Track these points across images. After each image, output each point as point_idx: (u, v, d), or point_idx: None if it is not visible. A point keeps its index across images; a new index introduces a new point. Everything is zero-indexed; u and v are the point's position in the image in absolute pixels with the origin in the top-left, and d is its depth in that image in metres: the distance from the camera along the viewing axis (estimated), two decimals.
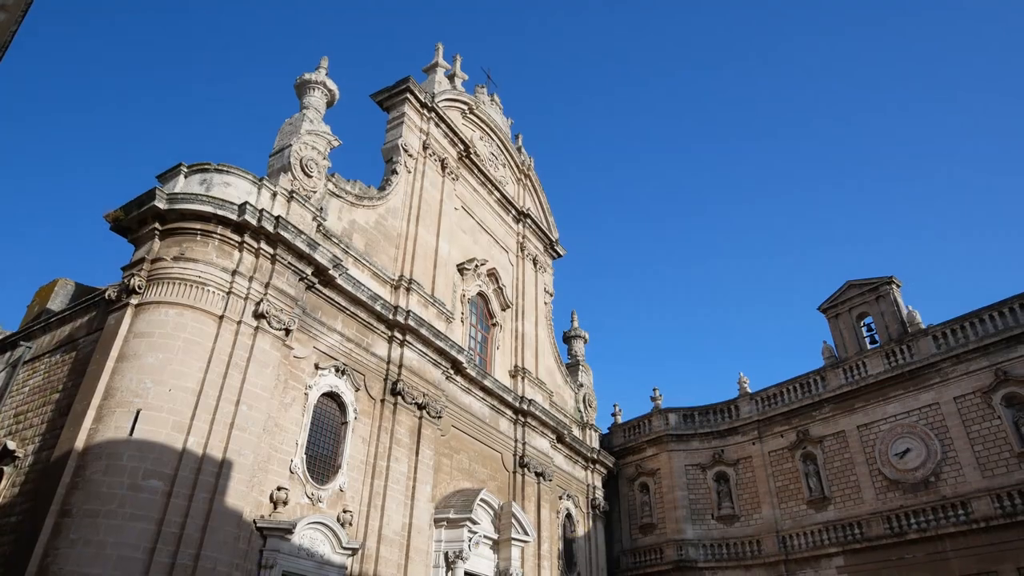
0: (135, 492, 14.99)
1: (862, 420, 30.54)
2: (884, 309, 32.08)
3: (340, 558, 19.16)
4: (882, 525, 28.10)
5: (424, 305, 25.51)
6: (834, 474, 30.71)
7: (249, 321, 18.31)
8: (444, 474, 25.12)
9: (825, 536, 29.76)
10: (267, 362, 18.41)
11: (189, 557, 15.13)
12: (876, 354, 31.09)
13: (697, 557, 32.41)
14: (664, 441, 35.70)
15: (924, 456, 28.03)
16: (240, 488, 16.68)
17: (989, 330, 27.88)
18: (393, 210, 26.62)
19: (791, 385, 33.81)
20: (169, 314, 17.36)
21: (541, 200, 38.92)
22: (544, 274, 37.63)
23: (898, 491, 28.37)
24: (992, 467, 26.13)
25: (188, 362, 16.91)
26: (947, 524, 26.28)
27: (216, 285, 18.12)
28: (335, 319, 21.81)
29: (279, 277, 19.43)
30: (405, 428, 22.88)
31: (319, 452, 20.26)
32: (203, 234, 18.53)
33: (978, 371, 27.54)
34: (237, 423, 17.02)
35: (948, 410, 28.00)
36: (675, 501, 34.09)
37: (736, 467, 33.99)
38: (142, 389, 16.17)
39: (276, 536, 17.51)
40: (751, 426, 34.13)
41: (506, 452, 29.17)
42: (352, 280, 22.09)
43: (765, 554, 31.12)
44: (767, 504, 32.21)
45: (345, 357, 21.77)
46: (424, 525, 22.58)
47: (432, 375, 24.82)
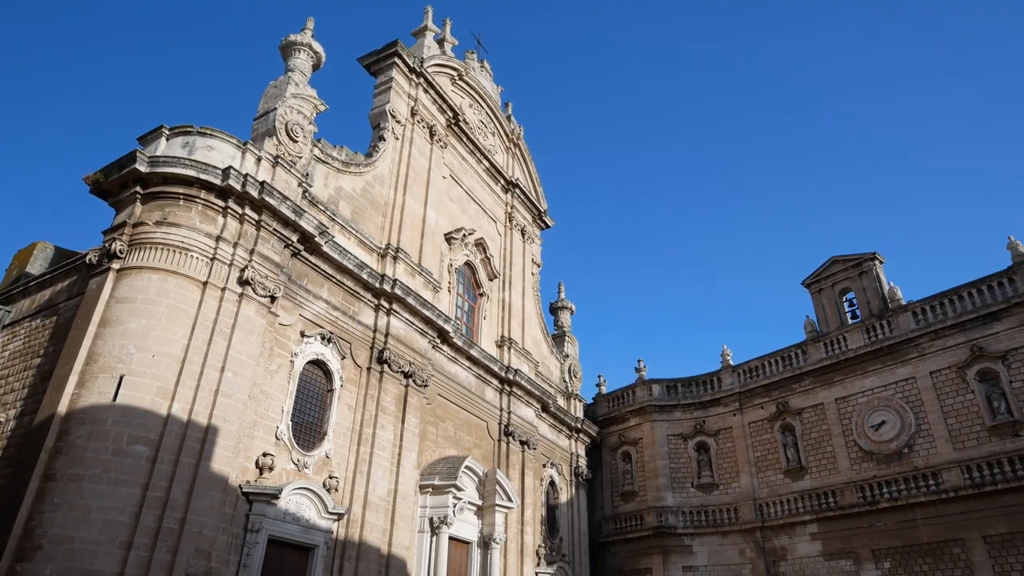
0: (120, 457, 14.99)
1: (840, 393, 31.13)
2: (866, 285, 32.46)
3: (326, 523, 19.39)
4: (855, 494, 28.85)
5: (411, 274, 25.44)
6: (811, 445, 31.39)
7: (234, 288, 18.17)
8: (430, 442, 25.36)
9: (800, 504, 30.53)
10: (252, 329, 18.34)
11: (175, 521, 15.22)
12: (857, 329, 31.57)
13: (676, 524, 33.17)
14: (647, 411, 36.22)
15: (899, 428, 28.69)
16: (226, 454, 16.74)
17: (967, 307, 28.36)
18: (380, 177, 26.34)
19: (773, 358, 34.32)
20: (152, 280, 17.17)
21: (530, 170, 38.68)
22: (532, 245, 37.59)
23: (872, 462, 29.07)
24: (963, 439, 26.81)
25: (172, 328, 16.79)
26: (918, 494, 27.04)
27: (200, 251, 17.91)
28: (321, 287, 21.71)
29: (264, 244, 19.24)
30: (391, 396, 22.99)
31: (305, 419, 20.34)
32: (186, 199, 18.25)
33: (955, 347, 28.08)
34: (222, 390, 17.00)
35: (924, 384, 28.59)
36: (656, 470, 34.73)
37: (717, 437, 34.61)
38: (125, 355, 16.07)
39: (262, 501, 17.65)
40: (732, 398, 34.69)
41: (491, 421, 29.45)
42: (338, 248, 21.94)
43: (742, 521, 31.91)
44: (745, 473, 32.91)
45: (331, 325, 21.72)
46: (409, 491, 22.85)
47: (418, 344, 24.87)
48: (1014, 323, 26.68)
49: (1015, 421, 25.60)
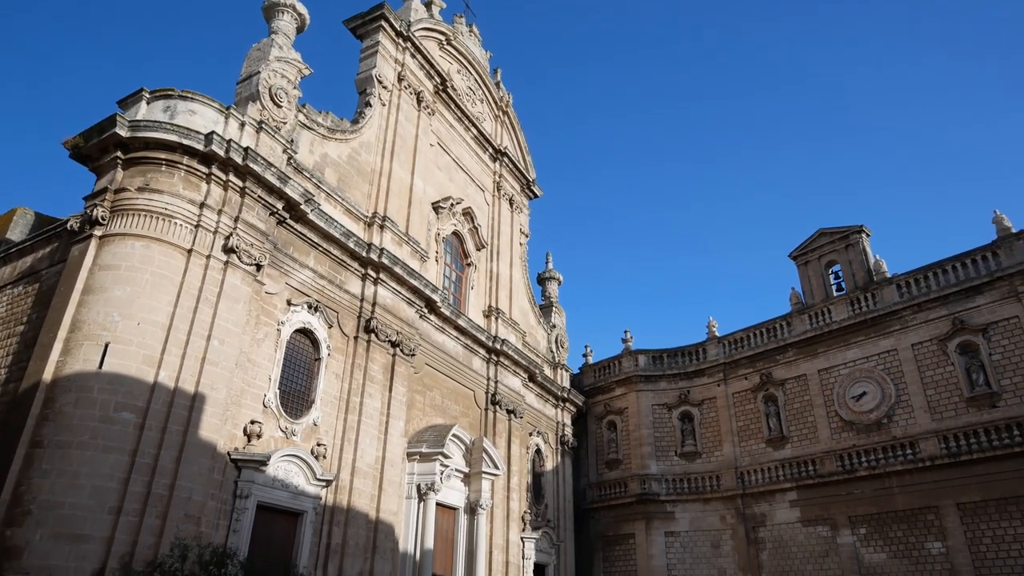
0: (107, 424, 14.97)
1: (823, 364, 31.58)
2: (852, 258, 32.71)
3: (315, 489, 19.57)
4: (834, 463, 29.48)
5: (398, 243, 25.31)
6: (793, 415, 31.92)
7: (219, 256, 18.00)
8: (417, 410, 25.53)
9: (781, 472, 31.18)
10: (238, 297, 18.23)
11: (164, 487, 15.30)
12: (841, 301, 31.90)
13: (660, 491, 33.80)
14: (633, 381, 36.61)
15: (879, 399, 29.21)
16: (213, 421, 16.78)
17: (951, 280, 28.68)
18: (367, 144, 26.01)
19: (758, 330, 34.67)
20: (136, 247, 16.96)
21: (519, 138, 38.34)
22: (520, 214, 37.44)
23: (852, 431, 29.65)
24: (942, 410, 27.36)
25: (157, 296, 16.66)
26: (895, 462, 27.67)
27: (183, 218, 17.69)
28: (307, 255, 21.56)
29: (249, 211, 19.02)
30: (379, 365, 23.05)
31: (292, 388, 20.38)
32: (168, 164, 17.94)
33: (937, 319, 28.47)
34: (209, 358, 16.96)
35: (905, 356, 29.03)
36: (641, 439, 35.24)
37: (701, 407, 35.11)
38: (110, 323, 15.95)
39: (250, 468, 17.76)
40: (717, 368, 35.10)
41: (478, 390, 29.65)
42: (324, 216, 21.74)
43: (724, 489, 32.57)
44: (728, 442, 33.48)
45: (318, 294, 21.64)
46: (397, 458, 23.07)
47: (406, 313, 24.86)
48: (995, 296, 27.06)
49: (992, 393, 26.13)
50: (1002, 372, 26.27)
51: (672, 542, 32.87)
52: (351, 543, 20.16)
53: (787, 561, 29.80)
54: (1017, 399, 25.57)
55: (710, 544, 32.14)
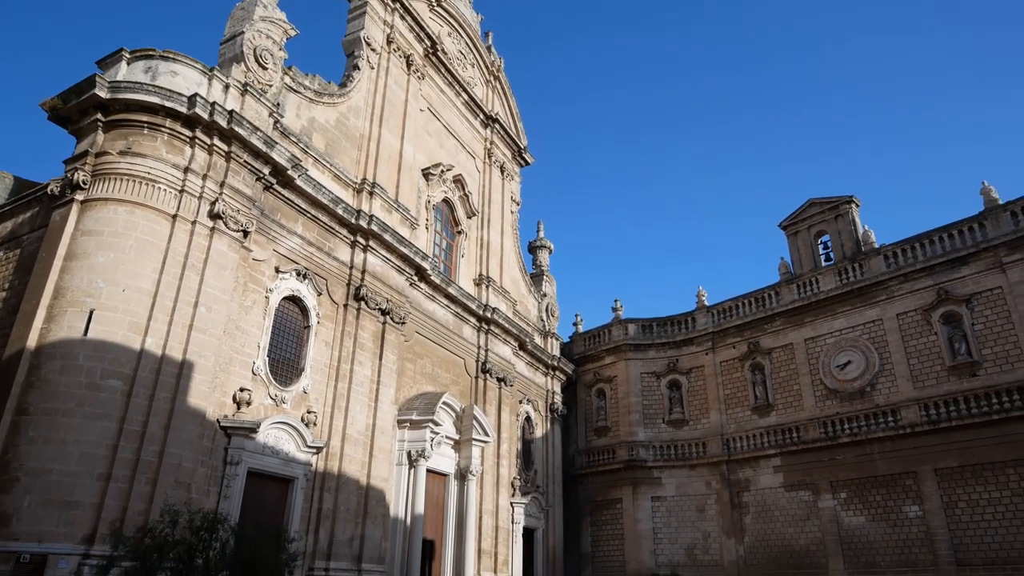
0: (94, 391, 14.87)
1: (810, 334, 31.88)
2: (842, 228, 32.79)
3: (305, 456, 19.65)
4: (818, 430, 29.98)
5: (388, 210, 25.04)
6: (779, 383, 32.32)
7: (204, 221, 17.73)
8: (408, 378, 25.57)
9: (765, 439, 31.69)
10: (225, 264, 18.01)
11: (153, 454, 15.28)
12: (829, 271, 32.08)
13: (647, 457, 34.29)
14: (622, 350, 36.85)
15: (863, 368, 29.59)
16: (202, 389, 16.70)
17: (937, 251, 28.87)
18: (355, 109, 25.54)
19: (746, 299, 34.87)
20: (119, 212, 16.65)
21: (510, 104, 37.81)
22: (511, 182, 37.13)
23: (836, 399, 30.10)
24: (924, 379, 27.78)
25: (141, 262, 16.41)
26: (876, 429, 28.18)
27: (167, 183, 17.34)
28: (295, 222, 21.29)
29: (234, 176, 18.68)
30: (368, 333, 22.98)
31: (282, 355, 20.30)
32: (150, 127, 17.52)
33: (922, 290, 28.73)
34: (196, 325, 16.81)
35: (890, 326, 29.35)
36: (629, 406, 35.61)
37: (689, 375, 35.45)
38: (94, 289, 15.72)
39: (240, 435, 17.77)
40: (706, 337, 35.36)
41: (469, 358, 29.72)
42: (312, 182, 21.42)
43: (709, 455, 33.09)
44: (715, 410, 33.92)
45: (306, 261, 21.43)
46: (388, 426, 23.17)
47: (396, 281, 24.73)
48: (981, 267, 27.29)
49: (974, 362, 26.53)
50: (983, 342, 26.64)
51: (658, 507, 33.48)
52: (342, 509, 20.33)
53: (769, 524, 30.46)
54: (997, 368, 25.99)
55: (695, 508, 32.77)
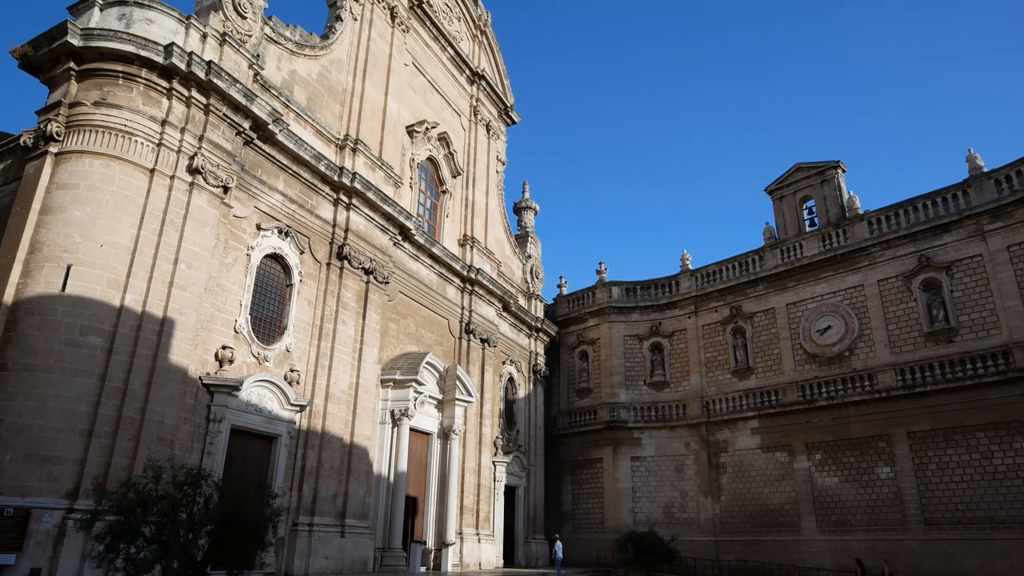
0: (73, 348, 14.71)
1: (792, 299, 32.20)
2: (827, 193, 32.85)
3: (288, 414, 19.70)
4: (796, 393, 30.52)
5: (371, 168, 24.67)
6: (760, 347, 32.74)
7: (183, 176, 17.35)
8: (391, 338, 25.56)
9: (744, 402, 32.24)
10: (205, 220, 17.70)
11: (135, 411, 15.23)
12: (813, 237, 32.24)
13: (628, 418, 34.80)
14: (606, 313, 37.05)
15: (843, 333, 30.02)
16: (183, 346, 16.58)
17: (920, 218, 29.06)
18: (338, 62, 24.91)
19: (730, 263, 35.04)
20: (94, 165, 16.22)
21: (497, 61, 37.08)
22: (497, 141, 36.67)
23: (815, 364, 30.58)
24: (901, 345, 28.25)
25: (119, 217, 16.08)
26: (853, 393, 28.74)
27: (144, 136, 16.89)
28: (277, 178, 20.92)
29: (214, 130, 18.24)
30: (352, 292, 22.85)
31: (264, 314, 20.16)
32: (125, 77, 16.97)
33: (904, 256, 29.00)
34: (176, 282, 16.60)
35: (871, 292, 29.69)
36: (612, 368, 35.97)
37: (671, 339, 35.78)
38: (71, 244, 15.41)
39: (223, 392, 17.73)
40: (689, 301, 35.61)
41: (453, 319, 29.73)
42: (294, 137, 20.99)
43: (689, 416, 33.65)
44: (696, 373, 34.36)
45: (288, 218, 21.13)
46: (371, 385, 23.23)
47: (379, 240, 24.51)
48: (962, 235, 27.54)
49: (951, 328, 26.98)
50: (961, 309, 27.06)
51: (638, 466, 34.12)
52: (326, 466, 20.50)
53: (746, 484, 31.20)
54: (973, 335, 26.46)
55: (674, 468, 33.45)
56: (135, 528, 10.18)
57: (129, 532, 10.12)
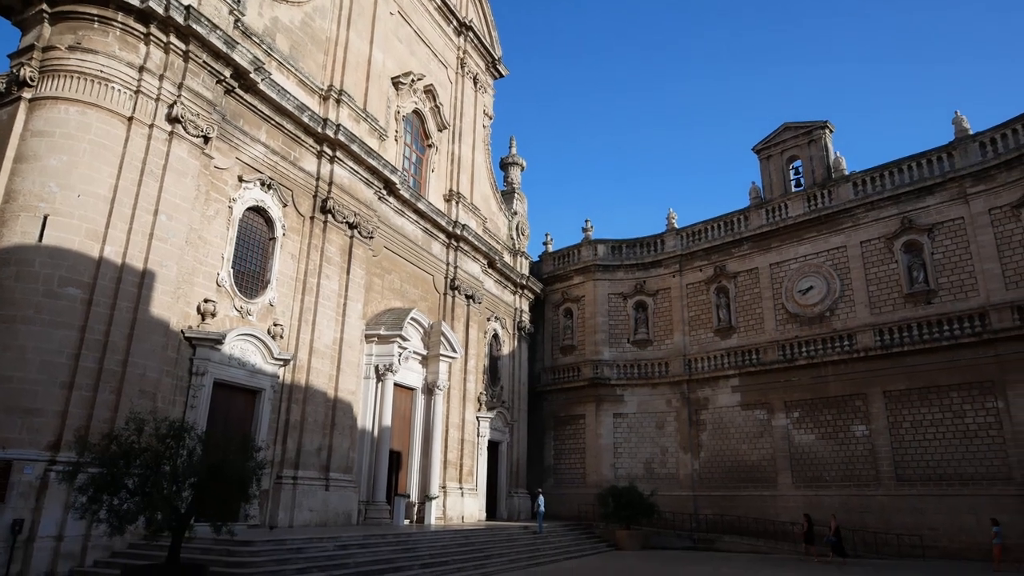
0: (52, 299, 14.51)
1: (775, 259, 32.40)
2: (814, 154, 32.78)
3: (272, 368, 19.69)
4: (777, 352, 30.99)
5: (355, 120, 24.18)
6: (742, 307, 33.07)
7: (162, 125, 16.91)
8: (376, 293, 25.47)
9: (726, 360, 32.71)
10: (185, 171, 17.34)
11: (117, 363, 15.14)
12: (799, 197, 32.29)
13: (611, 375, 35.23)
14: (591, 271, 37.14)
15: (824, 293, 30.35)
16: (165, 299, 16.41)
17: (905, 180, 29.14)
18: (321, 9, 24.15)
19: (716, 223, 35.09)
20: (70, 112, 15.74)
21: (485, 12, 36.15)
22: (484, 95, 36.02)
23: (796, 323, 30.98)
24: (881, 305, 28.64)
25: (97, 167, 15.69)
26: (832, 353, 29.23)
27: (121, 82, 16.37)
28: (259, 129, 20.45)
29: (193, 78, 17.71)
30: (336, 247, 22.65)
31: (247, 267, 19.96)
32: (101, 21, 16.35)
33: (887, 218, 29.17)
34: (157, 234, 16.34)
35: (853, 253, 29.93)
36: (596, 326, 36.24)
37: (655, 297, 36.02)
38: (47, 193, 15.05)
39: (206, 346, 17.65)
40: (673, 260, 35.74)
41: (438, 275, 29.64)
42: (276, 87, 20.46)
43: (671, 374, 34.12)
44: (678, 331, 34.71)
45: (271, 170, 20.75)
46: (355, 340, 23.23)
47: (364, 194, 24.19)
48: (945, 198, 27.69)
49: (930, 290, 27.35)
50: (941, 271, 27.39)
51: (620, 423, 34.69)
52: (310, 420, 20.62)
53: (725, 441, 31.88)
54: (951, 296, 26.86)
55: (655, 425, 34.05)
56: (118, 480, 10.19)
57: (112, 484, 10.13)
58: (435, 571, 16.96)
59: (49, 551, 13.38)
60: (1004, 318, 25.01)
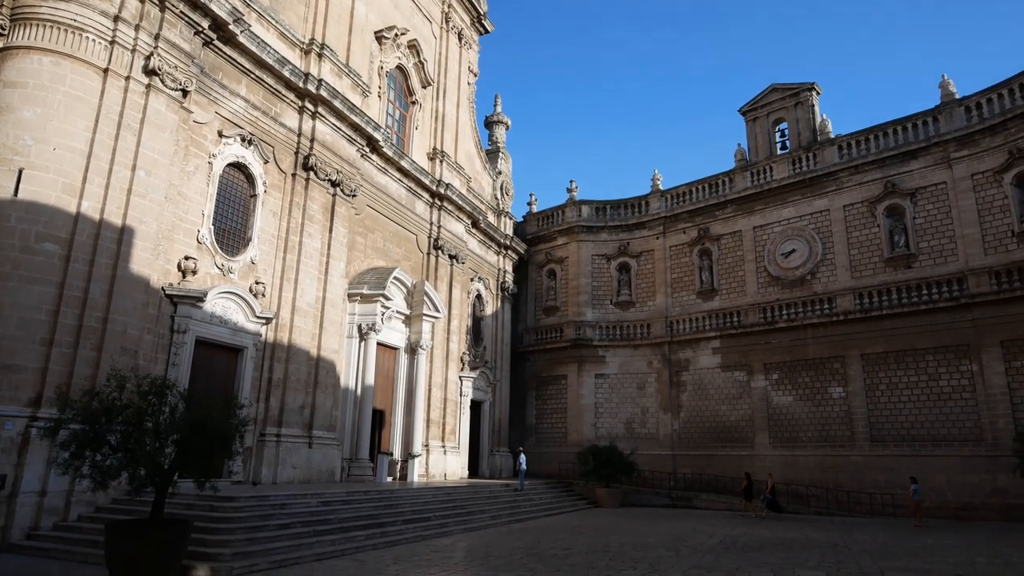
0: (29, 255, 14.26)
1: (759, 222, 32.55)
2: (800, 116, 32.69)
3: (254, 326, 19.62)
4: (757, 315, 31.37)
5: (338, 75, 23.66)
6: (725, 269, 33.31)
7: (139, 77, 16.45)
8: (358, 252, 25.31)
9: (707, 322, 33.08)
10: (163, 125, 16.94)
11: (97, 320, 15.01)
12: (783, 160, 32.29)
13: (593, 336, 35.54)
14: (575, 232, 37.12)
15: (806, 256, 30.63)
16: (144, 256, 16.20)
17: (890, 144, 29.21)
18: None
19: (700, 185, 35.08)
20: (44, 63, 15.24)
21: None
22: (469, 51, 35.34)
23: (777, 286, 31.31)
24: (862, 269, 28.99)
25: (72, 120, 15.28)
26: (811, 316, 29.64)
27: (96, 32, 15.83)
28: (239, 83, 19.96)
29: (170, 28, 17.16)
30: (318, 205, 22.39)
31: (228, 224, 19.70)
32: None
33: (871, 182, 29.33)
34: (135, 189, 16.04)
35: (836, 216, 30.14)
36: (579, 287, 36.40)
37: (639, 259, 36.16)
38: (21, 146, 14.66)
39: (187, 303, 17.52)
40: (657, 222, 35.79)
41: (421, 234, 29.47)
42: (256, 39, 19.91)
43: (653, 336, 34.48)
44: (661, 293, 34.97)
45: (251, 126, 20.33)
46: (338, 299, 23.16)
47: (346, 152, 23.83)
48: (929, 162, 27.83)
49: (910, 254, 27.68)
50: (922, 235, 27.68)
51: (601, 383, 35.13)
52: (292, 378, 20.66)
53: (704, 402, 32.45)
54: (931, 260, 27.21)
55: (636, 386, 34.54)
56: (100, 436, 10.17)
57: (94, 440, 10.11)
58: (417, 527, 17.27)
59: (32, 506, 13.44)
60: (982, 283, 25.43)
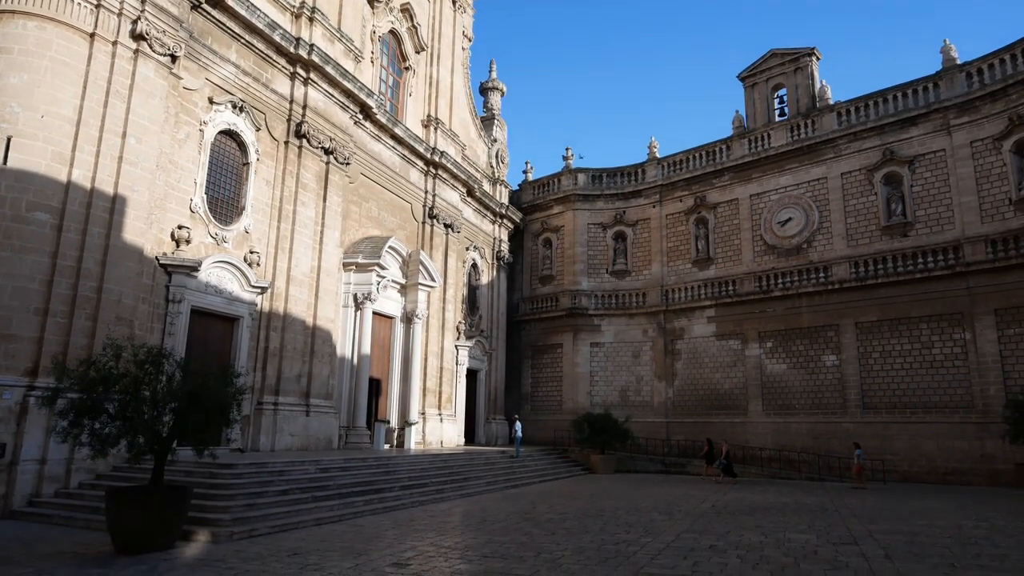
0: (20, 224, 14.14)
1: (756, 190, 32.39)
2: (799, 82, 32.32)
3: (250, 295, 19.58)
4: (753, 284, 31.42)
5: (330, 40, 23.22)
6: (721, 238, 33.26)
7: (127, 42, 16.12)
8: (353, 221, 25.16)
9: (702, 291, 33.14)
10: (153, 91, 16.65)
11: (91, 289, 14.95)
12: (781, 127, 32.02)
13: (589, 305, 35.61)
14: (571, 200, 36.92)
15: (803, 225, 30.57)
16: (137, 225, 16.07)
17: (889, 110, 28.94)
18: None
19: (697, 152, 34.82)
20: (28, 27, 14.92)
21: None
22: (463, 15, 34.68)
23: (773, 255, 31.30)
24: (858, 238, 28.96)
25: (60, 86, 15.01)
26: (807, 285, 29.69)
27: None
28: (229, 48, 19.58)
29: None
30: (311, 173, 22.17)
31: (221, 193, 19.52)
32: None
33: (869, 149, 29.13)
34: (126, 157, 15.84)
35: (833, 184, 30.00)
36: (575, 256, 36.34)
37: (635, 227, 36.05)
38: (8, 114, 14.43)
39: (181, 273, 17.44)
40: (654, 190, 35.60)
41: (416, 203, 29.27)
42: (245, 2, 19.47)
43: (648, 304, 34.56)
44: (657, 262, 34.96)
45: (242, 92, 20.01)
46: (333, 268, 23.09)
47: (339, 119, 23.52)
48: (928, 129, 27.62)
49: (907, 223, 27.64)
50: (919, 203, 27.61)
51: (596, 352, 35.31)
52: (289, 347, 20.69)
53: (699, 370, 32.68)
54: (928, 229, 27.20)
55: (631, 354, 34.73)
56: (98, 405, 10.21)
57: (92, 408, 10.15)
58: (415, 493, 17.47)
59: (33, 474, 13.55)
60: (978, 251, 25.47)
